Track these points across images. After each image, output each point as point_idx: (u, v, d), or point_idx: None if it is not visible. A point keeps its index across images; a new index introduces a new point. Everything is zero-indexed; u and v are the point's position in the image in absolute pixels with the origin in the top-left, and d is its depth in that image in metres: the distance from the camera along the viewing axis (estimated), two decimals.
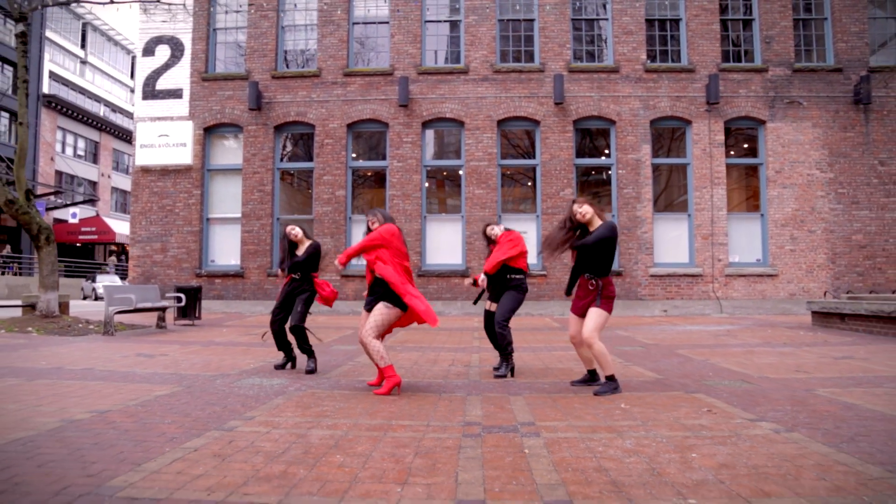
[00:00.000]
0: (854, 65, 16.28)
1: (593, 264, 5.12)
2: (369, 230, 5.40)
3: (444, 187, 17.05)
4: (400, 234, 5.27)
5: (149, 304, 10.76)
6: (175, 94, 16.92)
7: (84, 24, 46.66)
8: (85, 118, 41.37)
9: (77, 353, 7.59)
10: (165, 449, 3.38)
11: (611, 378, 5.13)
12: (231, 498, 2.65)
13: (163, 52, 16.98)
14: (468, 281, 6.57)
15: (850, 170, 16.02)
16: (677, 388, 5.22)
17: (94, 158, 43.65)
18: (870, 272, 15.82)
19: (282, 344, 6.53)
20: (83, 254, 42.94)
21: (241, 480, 2.88)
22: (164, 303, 11.42)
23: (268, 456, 3.28)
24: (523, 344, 8.79)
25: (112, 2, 12.68)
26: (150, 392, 5.03)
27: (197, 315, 12.64)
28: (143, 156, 16.68)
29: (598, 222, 5.18)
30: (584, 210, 5.17)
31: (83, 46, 46.44)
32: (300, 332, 6.31)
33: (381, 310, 5.09)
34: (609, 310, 5.11)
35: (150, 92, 16.98)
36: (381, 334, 5.12)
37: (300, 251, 6.68)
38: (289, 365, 6.59)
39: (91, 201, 40.01)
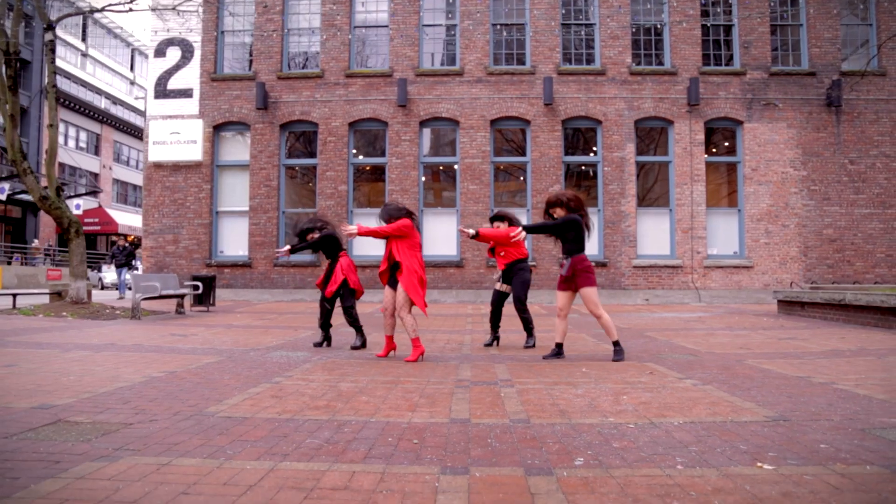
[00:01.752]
0: (827, 69, 17.31)
1: (564, 246, 6.23)
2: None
3: (440, 182, 18.05)
4: (413, 226, 6.32)
5: (170, 292, 11.77)
6: (186, 93, 17.85)
7: (85, 18, 47.31)
8: (86, 110, 42.17)
9: (118, 333, 8.62)
10: (234, 393, 4.44)
11: (616, 343, 6.24)
12: (295, 417, 3.71)
13: (174, 54, 17.90)
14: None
15: (822, 168, 17.07)
16: (633, 360, 6.26)
17: (96, 150, 44.47)
18: (839, 264, 16.90)
19: (326, 322, 7.48)
20: (87, 245, 43.72)
21: (297, 409, 3.97)
22: (184, 290, 12.42)
23: (312, 397, 4.35)
24: (510, 327, 9.84)
25: (131, 10, 13.59)
26: (199, 361, 6.07)
27: (212, 302, 13.65)
28: (156, 152, 17.62)
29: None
30: (559, 213, 6.29)
31: (84, 39, 47.12)
32: (349, 312, 7.35)
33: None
34: (593, 282, 6.17)
35: (162, 91, 17.91)
36: (410, 309, 6.20)
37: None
38: (325, 343, 7.47)
39: (94, 192, 40.84)
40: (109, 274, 33.38)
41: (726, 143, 17.75)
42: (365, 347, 7.20)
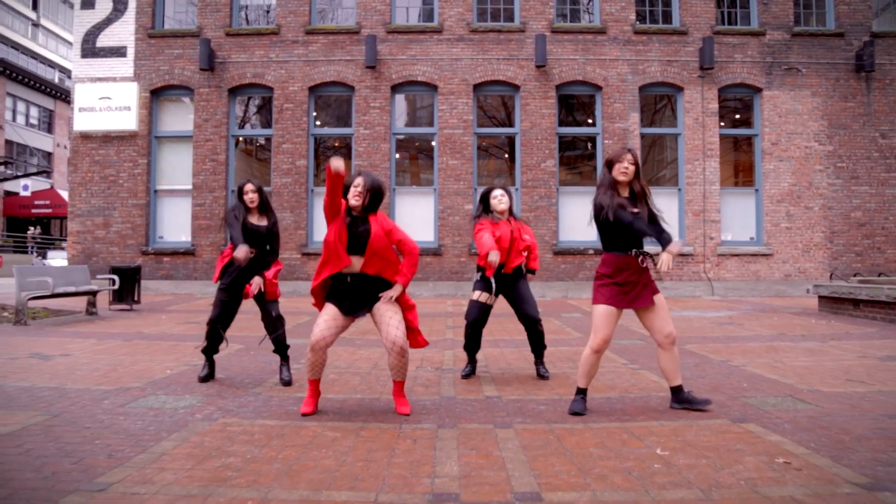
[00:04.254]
0: (856, 29, 15.14)
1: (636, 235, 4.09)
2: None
3: (416, 158, 15.69)
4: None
5: (72, 289, 9.33)
6: (118, 52, 15.26)
7: None
8: (37, 84, 39.05)
9: None
10: None
11: (679, 389, 4.11)
12: None
13: (104, 5, 15.26)
14: (494, 257, 4.82)
15: (850, 142, 14.96)
16: (717, 412, 4.00)
17: (49, 128, 41.38)
18: (868, 252, 14.85)
19: (213, 348, 5.14)
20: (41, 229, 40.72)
21: None
22: (93, 286, 9.98)
23: None
24: (489, 337, 7.59)
25: None
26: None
27: (136, 298, 11.22)
28: (83, 120, 15.04)
29: None
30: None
31: (35, 8, 43.79)
32: (281, 323, 5.12)
33: (398, 307, 4.19)
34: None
35: (91, 49, 15.29)
36: None
37: (255, 222, 5.21)
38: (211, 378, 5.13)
39: (44, 172, 37.82)
40: (56, 263, 30.57)
41: (743, 114, 15.55)
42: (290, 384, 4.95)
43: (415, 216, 14.75)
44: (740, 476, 2.90)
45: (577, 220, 14.71)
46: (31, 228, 35.39)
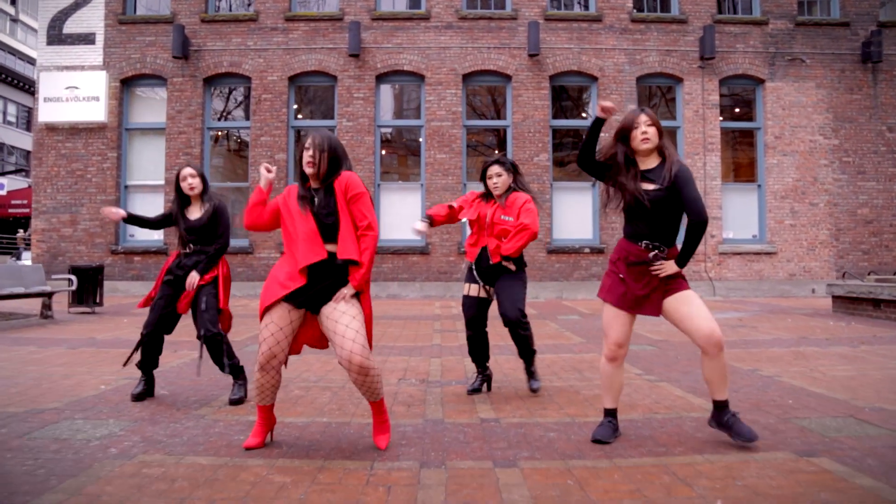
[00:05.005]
0: (862, 19, 14.50)
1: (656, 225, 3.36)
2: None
3: (402, 151, 14.89)
4: None
5: (20, 290, 8.47)
6: (86, 38, 14.36)
7: None
8: (15, 81, 37.90)
9: None
10: None
11: (722, 407, 3.27)
12: None
13: None
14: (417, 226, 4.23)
15: (857, 136, 14.31)
16: (773, 441, 3.23)
17: (28, 126, 40.17)
18: (875, 250, 14.20)
19: (150, 360, 4.33)
20: (13, 228, 39.58)
21: None
22: (46, 287, 9.11)
23: None
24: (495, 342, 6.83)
25: None
26: None
27: (98, 300, 10.35)
28: (48, 111, 14.11)
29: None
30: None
31: (13, 3, 42.61)
32: (217, 344, 4.19)
33: (359, 306, 3.17)
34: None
35: (57, 36, 14.39)
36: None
37: (195, 213, 4.45)
38: (142, 387, 4.30)
39: (22, 171, 36.69)
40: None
41: (745, 106, 14.86)
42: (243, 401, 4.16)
43: (400, 213, 13.95)
44: None
45: (571, 217, 14.00)
46: (21, 231, 34.27)
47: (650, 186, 3.21)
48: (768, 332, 7.72)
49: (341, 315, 3.04)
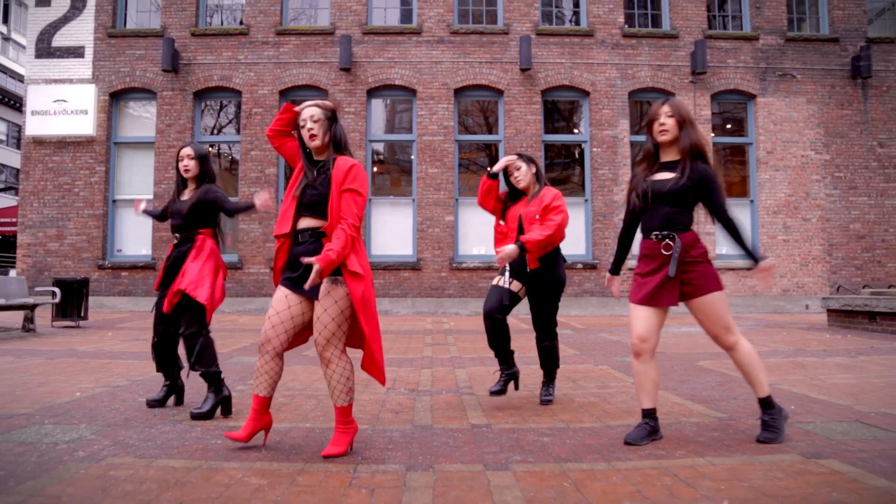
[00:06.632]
0: (851, 34, 14.58)
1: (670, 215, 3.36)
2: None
3: (393, 166, 14.80)
4: None
5: (1, 302, 8.26)
6: (75, 52, 14.26)
7: None
8: (7, 99, 37.79)
9: None
10: None
11: (768, 403, 3.18)
12: None
13: (61, 2, 14.28)
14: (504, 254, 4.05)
15: (848, 151, 14.32)
16: (779, 446, 3.06)
17: (19, 144, 39.98)
18: (868, 265, 14.14)
19: (164, 361, 4.06)
20: (4, 247, 39.21)
21: None
22: (28, 300, 8.91)
23: None
24: (472, 354, 6.65)
25: None
26: None
27: (82, 314, 10.13)
28: (36, 125, 13.97)
29: None
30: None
31: (5, 21, 42.59)
32: (191, 346, 3.90)
33: (342, 294, 2.99)
34: (720, 283, 3.45)
35: (46, 49, 14.29)
36: (344, 347, 3.11)
37: (185, 197, 4.14)
38: (172, 398, 4.09)
39: (11, 189, 36.43)
40: None
41: (736, 121, 14.87)
42: (227, 413, 3.91)
43: (391, 228, 13.84)
44: None
45: (565, 233, 13.87)
46: None
47: (668, 176, 3.19)
48: (764, 344, 7.59)
49: (318, 304, 2.97)
